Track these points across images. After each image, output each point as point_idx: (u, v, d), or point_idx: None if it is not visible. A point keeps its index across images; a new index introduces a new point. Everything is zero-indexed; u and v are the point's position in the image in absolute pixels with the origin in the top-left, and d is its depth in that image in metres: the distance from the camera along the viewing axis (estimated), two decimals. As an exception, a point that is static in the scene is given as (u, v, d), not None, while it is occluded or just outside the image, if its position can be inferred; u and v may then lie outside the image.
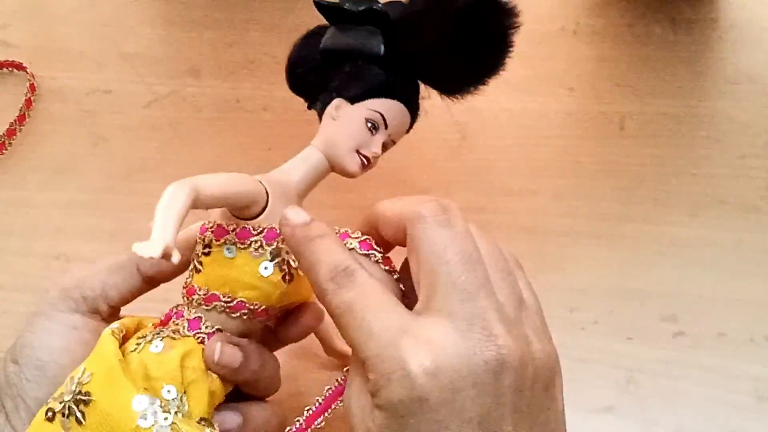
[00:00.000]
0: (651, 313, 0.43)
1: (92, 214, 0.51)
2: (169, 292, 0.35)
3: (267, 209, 0.30)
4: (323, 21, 0.36)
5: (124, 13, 0.67)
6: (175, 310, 0.32)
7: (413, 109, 0.34)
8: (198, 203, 0.28)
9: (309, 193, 0.33)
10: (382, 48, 0.33)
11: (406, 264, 0.29)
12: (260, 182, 0.30)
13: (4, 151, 0.55)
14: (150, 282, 0.34)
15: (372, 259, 0.29)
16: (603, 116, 0.55)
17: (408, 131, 0.36)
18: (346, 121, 0.32)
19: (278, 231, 0.30)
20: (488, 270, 0.26)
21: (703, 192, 0.50)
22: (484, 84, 0.34)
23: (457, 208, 0.27)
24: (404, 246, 0.28)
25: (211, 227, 0.31)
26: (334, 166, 0.33)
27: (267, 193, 0.30)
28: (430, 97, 0.36)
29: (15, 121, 0.56)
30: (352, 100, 0.33)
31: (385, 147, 0.33)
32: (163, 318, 0.32)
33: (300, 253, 0.28)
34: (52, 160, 0.55)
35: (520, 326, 0.26)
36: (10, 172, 0.54)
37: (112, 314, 0.34)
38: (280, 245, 0.30)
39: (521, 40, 0.34)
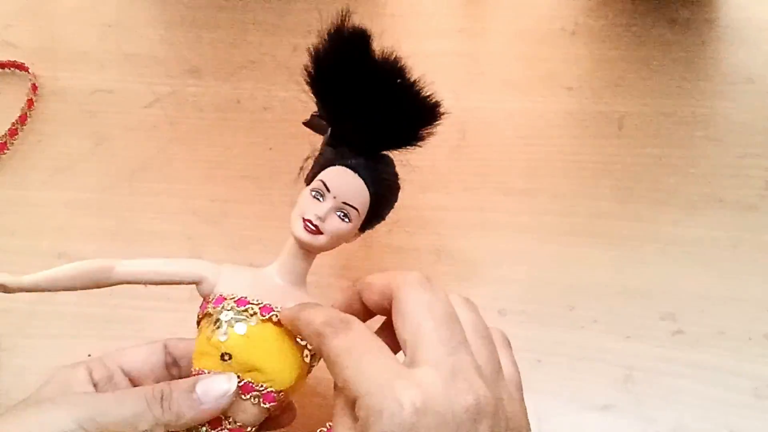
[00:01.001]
0: (650, 311, 0.44)
1: (94, 213, 0.51)
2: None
3: (216, 287, 0.34)
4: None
5: (125, 14, 0.67)
6: None
7: (364, 171, 0.36)
8: (113, 278, 0.33)
9: (307, 273, 0.36)
10: (329, 131, 0.36)
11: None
12: (217, 266, 0.34)
13: (5, 151, 0.55)
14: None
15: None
16: (602, 116, 0.55)
17: (381, 196, 0.37)
18: (299, 200, 0.35)
19: (224, 296, 0.33)
20: (469, 334, 0.29)
21: (701, 191, 0.50)
22: (417, 119, 0.36)
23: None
24: (383, 314, 0.31)
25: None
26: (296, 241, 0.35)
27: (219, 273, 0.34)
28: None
29: (17, 120, 0.56)
30: (308, 182, 0.36)
31: (346, 214, 0.35)
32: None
33: (295, 318, 0.31)
34: (53, 160, 0.55)
35: (496, 387, 0.28)
36: (11, 172, 0.54)
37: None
38: (223, 312, 0.33)
39: (521, 41, 0.35)
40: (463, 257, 0.47)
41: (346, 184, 0.35)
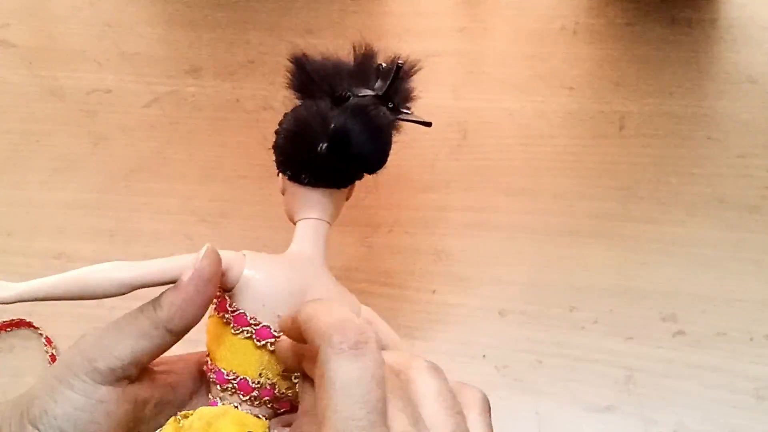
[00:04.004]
0: (651, 312, 0.44)
1: (92, 213, 0.51)
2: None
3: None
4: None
5: (124, 13, 0.67)
6: None
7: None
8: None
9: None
10: None
11: None
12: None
13: (4, 151, 0.55)
14: (181, 334, 0.32)
15: None
16: (603, 116, 0.55)
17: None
18: None
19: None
20: (430, 404, 0.26)
21: (702, 191, 0.50)
22: None
23: (375, 338, 0.26)
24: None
25: None
26: None
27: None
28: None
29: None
30: None
31: None
32: None
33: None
34: (52, 160, 0.55)
35: None
36: (10, 172, 0.54)
37: (143, 374, 0.32)
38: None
39: (521, 40, 0.34)
40: (463, 257, 0.47)
41: None
